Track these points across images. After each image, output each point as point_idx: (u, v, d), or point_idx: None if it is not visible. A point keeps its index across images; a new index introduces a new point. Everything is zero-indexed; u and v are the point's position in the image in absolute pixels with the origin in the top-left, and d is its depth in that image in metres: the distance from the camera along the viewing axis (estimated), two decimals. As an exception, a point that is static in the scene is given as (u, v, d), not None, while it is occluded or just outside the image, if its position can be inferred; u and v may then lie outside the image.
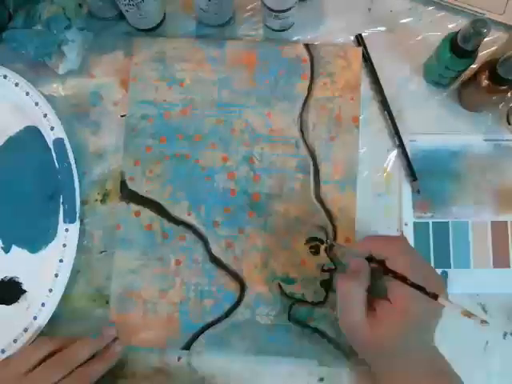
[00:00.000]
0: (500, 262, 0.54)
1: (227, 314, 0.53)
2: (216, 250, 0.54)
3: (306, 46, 0.56)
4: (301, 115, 0.56)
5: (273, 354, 0.52)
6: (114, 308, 0.53)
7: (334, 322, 0.52)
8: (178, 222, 0.55)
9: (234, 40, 0.57)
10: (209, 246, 0.54)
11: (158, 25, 0.57)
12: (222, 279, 0.54)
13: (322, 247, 0.54)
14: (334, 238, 0.54)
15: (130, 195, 0.55)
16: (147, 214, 0.55)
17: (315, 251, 0.54)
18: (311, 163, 0.55)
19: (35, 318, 0.52)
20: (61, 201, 0.54)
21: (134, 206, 0.55)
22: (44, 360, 0.49)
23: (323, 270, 0.53)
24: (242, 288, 0.53)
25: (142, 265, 0.54)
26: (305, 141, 0.55)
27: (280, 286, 0.53)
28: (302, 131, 0.55)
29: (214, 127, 0.56)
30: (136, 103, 0.56)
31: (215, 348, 0.53)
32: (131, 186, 0.55)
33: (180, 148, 0.55)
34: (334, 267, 0.53)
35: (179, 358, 0.54)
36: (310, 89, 0.56)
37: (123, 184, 0.55)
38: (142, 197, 0.55)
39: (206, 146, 0.55)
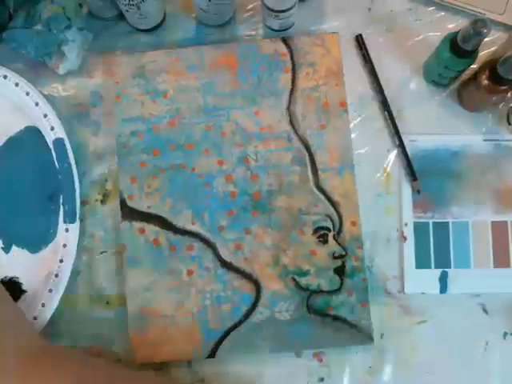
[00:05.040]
0: (500, 261, 0.54)
1: (246, 315, 0.53)
2: (225, 254, 0.54)
3: (283, 39, 0.56)
4: (288, 108, 0.56)
5: (298, 349, 0.53)
6: (132, 327, 0.53)
7: (353, 307, 0.52)
8: (183, 232, 0.54)
9: (210, 45, 0.57)
10: (218, 251, 0.54)
11: (158, 25, 0.57)
12: (235, 282, 0.53)
13: (330, 235, 0.54)
14: (340, 224, 0.54)
15: (131, 213, 0.54)
16: (151, 229, 0.54)
17: (324, 240, 0.54)
18: (306, 154, 0.55)
19: (35, 318, 0.52)
20: (61, 201, 0.54)
21: (137, 224, 0.54)
22: None
23: (335, 257, 0.53)
24: (257, 288, 0.53)
25: (154, 281, 0.53)
26: (296, 133, 0.55)
27: (294, 280, 0.53)
28: (292, 124, 0.56)
29: (204, 133, 0.56)
30: (123, 121, 0.56)
31: (241, 351, 0.52)
32: (131, 203, 0.54)
33: (174, 159, 0.55)
34: (344, 253, 0.53)
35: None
36: (293, 81, 0.56)
37: (123, 203, 0.54)
38: (143, 213, 0.54)
39: (200, 153, 0.55)
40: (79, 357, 0.50)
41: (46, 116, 0.54)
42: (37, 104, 0.54)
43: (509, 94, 0.53)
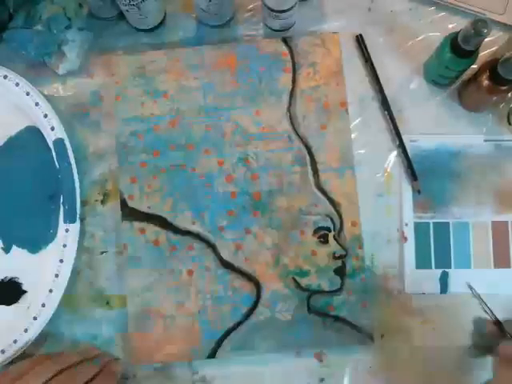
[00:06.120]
0: (500, 262, 0.54)
1: (247, 316, 0.53)
2: (225, 254, 0.54)
3: (283, 39, 0.56)
4: (289, 108, 0.56)
5: (298, 349, 0.53)
6: (132, 327, 0.53)
7: (353, 307, 0.52)
8: (183, 232, 0.54)
9: (210, 45, 0.57)
10: (218, 251, 0.54)
11: (158, 25, 0.57)
12: (236, 282, 0.53)
13: (331, 235, 0.54)
14: (340, 224, 0.54)
15: (131, 213, 0.54)
16: (152, 229, 0.54)
17: (324, 240, 0.54)
18: (307, 154, 0.55)
19: (35, 318, 0.52)
20: (61, 201, 0.54)
21: (137, 224, 0.54)
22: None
23: (335, 258, 0.53)
24: (258, 288, 0.53)
25: (154, 281, 0.54)
26: (297, 133, 0.55)
27: (295, 280, 0.53)
28: (292, 124, 0.56)
29: (204, 133, 0.56)
30: (123, 121, 0.56)
31: (241, 351, 0.52)
32: (131, 204, 0.55)
33: (174, 159, 0.55)
34: (345, 253, 0.53)
35: (179, 359, 0.54)
36: (294, 81, 0.56)
37: (123, 203, 0.55)
38: (144, 213, 0.54)
39: (200, 153, 0.55)
40: None
41: (46, 116, 0.54)
42: (37, 104, 0.54)
43: (509, 94, 0.53)
